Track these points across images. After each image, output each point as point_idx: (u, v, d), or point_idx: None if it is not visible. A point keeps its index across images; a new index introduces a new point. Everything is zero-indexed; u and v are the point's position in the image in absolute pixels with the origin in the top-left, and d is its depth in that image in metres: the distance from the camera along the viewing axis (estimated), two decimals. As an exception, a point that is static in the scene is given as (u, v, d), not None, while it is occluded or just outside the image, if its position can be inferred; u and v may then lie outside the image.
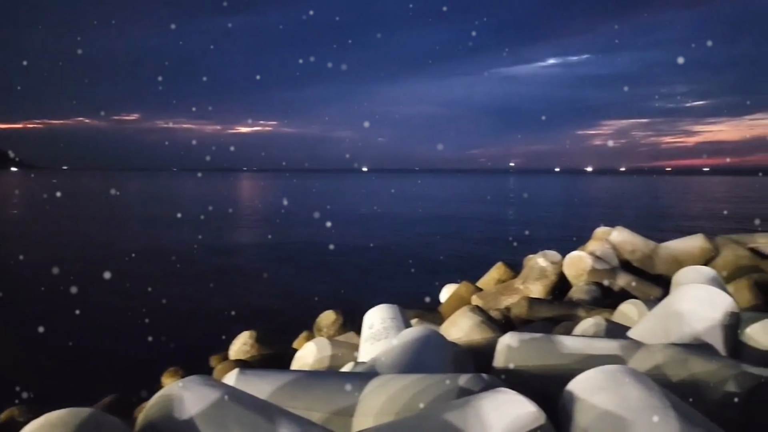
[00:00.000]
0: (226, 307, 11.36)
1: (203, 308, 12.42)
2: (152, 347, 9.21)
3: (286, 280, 16.11)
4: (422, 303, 9.14)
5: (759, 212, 39.11)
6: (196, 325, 11.17)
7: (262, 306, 12.57)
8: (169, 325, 10.81)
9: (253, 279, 16.12)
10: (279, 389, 2.86)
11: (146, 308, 11.52)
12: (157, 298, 12.60)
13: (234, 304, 12.16)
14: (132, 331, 10.41)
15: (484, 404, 2.15)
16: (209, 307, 12.40)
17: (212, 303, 12.81)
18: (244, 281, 15.84)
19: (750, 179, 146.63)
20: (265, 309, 12.18)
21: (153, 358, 8.50)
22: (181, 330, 10.49)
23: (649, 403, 2.07)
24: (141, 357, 9.01)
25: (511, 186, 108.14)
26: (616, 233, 9.17)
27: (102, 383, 7.20)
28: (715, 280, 4.95)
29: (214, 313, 11.80)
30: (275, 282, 15.65)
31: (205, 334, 9.94)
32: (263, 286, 15.06)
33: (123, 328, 10.84)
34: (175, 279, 15.98)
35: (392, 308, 4.75)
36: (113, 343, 10.03)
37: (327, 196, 67.44)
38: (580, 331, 4.18)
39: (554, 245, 9.59)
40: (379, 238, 25.88)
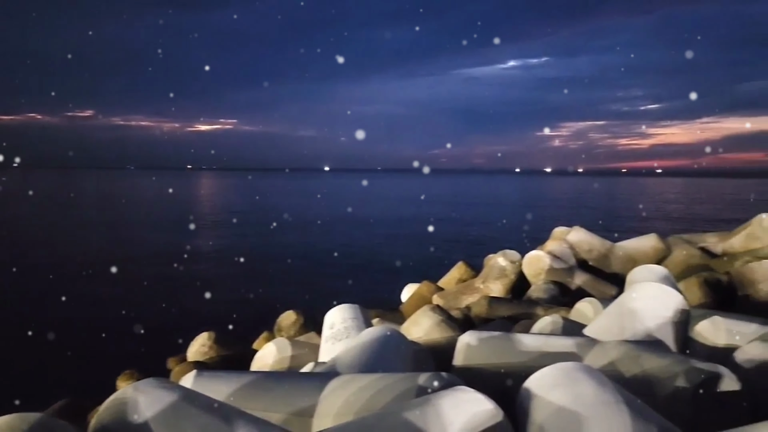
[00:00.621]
0: (184, 309, 11.18)
1: (161, 310, 12.18)
2: (108, 350, 8.99)
3: (246, 280, 15.92)
4: (384, 303, 9.16)
5: (708, 213, 40.49)
6: (154, 327, 10.94)
7: (222, 307, 12.39)
8: (126, 328, 10.56)
9: (212, 280, 15.89)
10: (237, 390, 2.83)
11: (102, 311, 11.25)
12: (113, 301, 12.31)
13: (193, 305, 11.98)
14: (87, 334, 10.15)
15: (442, 402, 2.17)
16: (167, 309, 12.17)
17: (170, 305, 12.57)
18: (204, 283, 15.58)
19: (700, 180, 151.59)
20: (225, 310, 12.00)
21: (108, 361, 8.28)
22: (138, 332, 10.26)
23: (603, 399, 2.12)
24: (96, 360, 8.78)
25: (473, 186, 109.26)
26: (573, 233, 9.36)
27: (54, 387, 6.99)
28: (667, 279, 5.10)
29: (172, 315, 11.59)
30: (235, 283, 15.46)
31: (162, 336, 9.73)
32: (223, 287, 14.86)
33: (77, 331, 10.55)
34: (132, 281, 15.63)
35: (353, 308, 4.75)
36: (66, 346, 9.74)
37: (288, 196, 66.93)
38: (538, 329, 4.25)
39: (514, 245, 9.73)
40: (341, 238, 25.84)
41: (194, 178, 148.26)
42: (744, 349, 3.00)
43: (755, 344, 2.99)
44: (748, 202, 53.04)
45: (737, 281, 6.34)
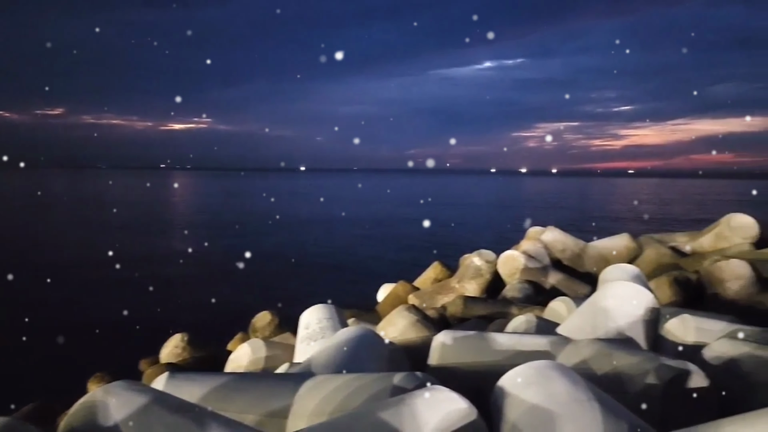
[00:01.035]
0: (157, 311, 11.03)
1: (133, 312, 11.98)
2: (79, 352, 8.82)
3: (221, 281, 15.77)
4: (360, 303, 9.15)
5: (679, 213, 41.26)
6: (126, 329, 10.77)
7: (196, 308, 12.26)
8: (98, 330, 10.38)
9: (186, 281, 15.71)
10: (211, 392, 2.80)
11: (72, 313, 11.04)
12: (84, 303, 12.10)
13: (166, 307, 11.83)
14: (57, 336, 9.94)
15: (417, 402, 2.17)
16: (140, 311, 11.98)
17: (144, 307, 12.39)
18: (178, 284, 15.40)
19: (671, 181, 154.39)
20: (200, 311, 11.88)
21: (79, 363, 8.12)
22: (110, 334, 10.10)
23: (575, 396, 2.14)
24: (66, 363, 8.61)
25: (449, 186, 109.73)
26: (547, 233, 9.46)
27: (24, 391, 6.83)
28: (639, 278, 5.19)
29: (145, 316, 11.42)
30: (210, 284, 15.30)
31: (135, 338, 9.59)
32: (197, 288, 14.69)
33: (48, 333, 10.33)
34: (105, 283, 15.38)
35: (328, 308, 4.74)
36: (37, 349, 9.55)
37: (263, 196, 66.44)
38: (512, 328, 4.28)
39: (489, 245, 9.80)
40: (316, 238, 25.76)
41: (168, 178, 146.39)
42: (712, 347, 3.06)
43: (723, 341, 3.05)
44: (717, 202, 54.20)
45: (706, 280, 6.47)
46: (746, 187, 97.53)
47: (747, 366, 2.78)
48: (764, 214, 11.34)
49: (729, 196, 66.41)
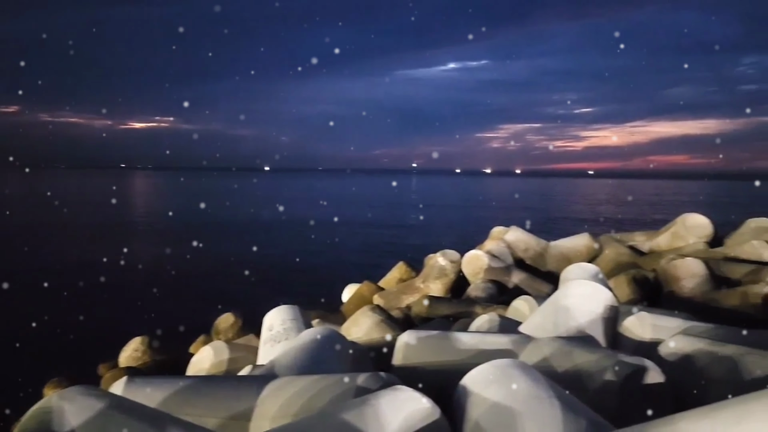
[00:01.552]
0: (117, 314, 10.79)
1: (91, 315, 11.69)
2: (35, 358, 8.56)
3: (182, 283, 15.51)
4: (325, 303, 9.11)
5: (637, 213, 42.30)
6: (85, 333, 10.50)
7: (157, 311, 12.00)
8: (55, 334, 10.10)
9: (146, 284, 15.36)
10: (171, 396, 2.75)
11: (28, 317, 10.68)
12: (40, 307, 11.72)
13: (126, 310, 11.58)
14: (13, 341, 9.62)
15: (380, 402, 2.18)
16: (98, 314, 11.70)
17: (102, 310, 12.11)
18: (138, 286, 15.06)
19: (629, 182, 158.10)
20: (161, 314, 11.64)
21: (35, 369, 7.89)
22: (67, 339, 9.82)
23: (535, 394, 2.18)
24: (22, 368, 8.33)
25: (413, 186, 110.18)
26: (510, 233, 9.58)
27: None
28: (598, 276, 5.29)
29: (104, 320, 11.16)
30: (171, 286, 15.02)
31: (94, 342, 9.35)
32: (158, 290, 14.39)
33: (2, 338, 10.00)
34: (60, 285, 14.94)
35: (292, 309, 4.70)
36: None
37: (226, 197, 65.53)
38: (476, 328, 4.32)
39: (453, 245, 9.87)
40: (280, 239, 25.56)
41: (128, 178, 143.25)
42: (667, 343, 3.14)
43: (678, 338, 3.13)
44: (673, 202, 55.72)
45: (663, 278, 6.64)
46: (700, 188, 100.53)
47: (701, 361, 2.86)
48: (718, 214, 11.71)
49: (684, 197, 68.39)
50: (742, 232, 8.80)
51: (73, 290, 14.32)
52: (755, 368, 2.61)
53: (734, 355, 2.75)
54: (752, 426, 1.55)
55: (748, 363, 2.66)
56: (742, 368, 2.65)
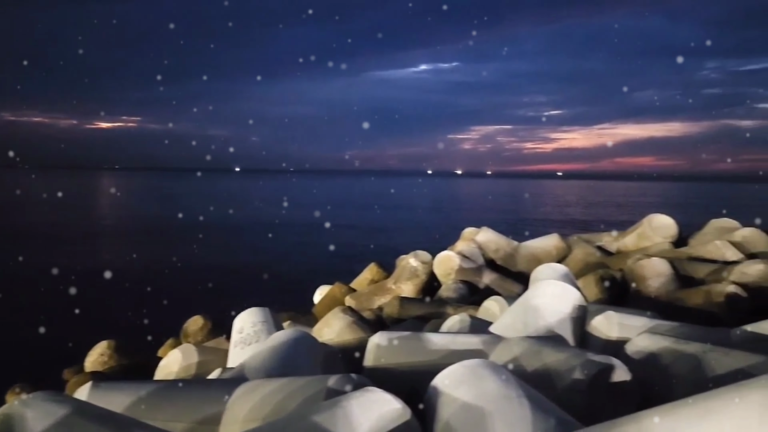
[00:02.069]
0: (82, 318, 10.53)
1: (56, 319, 11.42)
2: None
3: (150, 286, 15.22)
4: (296, 305, 9.05)
5: (605, 213, 43.04)
6: (49, 337, 10.24)
7: (124, 314, 11.80)
8: (18, 339, 9.84)
9: (113, 286, 15.10)
10: (138, 401, 2.70)
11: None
12: (2, 312, 11.43)
13: (92, 314, 11.32)
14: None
15: (351, 404, 2.17)
16: (63, 318, 11.42)
17: (67, 313, 11.81)
18: (104, 289, 14.79)
19: (597, 183, 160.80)
20: (128, 317, 11.44)
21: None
22: (30, 344, 9.58)
23: (505, 393, 2.19)
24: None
25: (386, 187, 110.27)
26: (481, 234, 9.65)
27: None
28: (567, 276, 5.36)
29: (69, 323, 10.89)
30: (139, 289, 14.75)
31: (58, 347, 9.12)
32: (125, 293, 14.15)
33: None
34: (21, 287, 14.58)
35: (263, 311, 4.65)
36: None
37: (195, 197, 64.69)
38: (447, 328, 4.34)
39: (425, 245, 9.89)
40: (251, 240, 25.35)
41: (94, 179, 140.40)
42: (634, 342, 3.19)
43: (644, 336, 3.19)
44: (639, 203, 56.84)
45: (630, 277, 6.76)
46: (666, 189, 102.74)
47: (666, 359, 2.91)
48: (682, 215, 11.97)
49: (650, 198, 69.80)
50: (706, 233, 9.02)
51: (36, 294, 14.00)
52: (717, 365, 2.67)
53: (697, 352, 2.81)
54: (714, 423, 1.58)
55: (710, 360, 2.72)
56: (705, 365, 2.71)
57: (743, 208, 43.28)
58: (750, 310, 5.32)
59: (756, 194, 69.89)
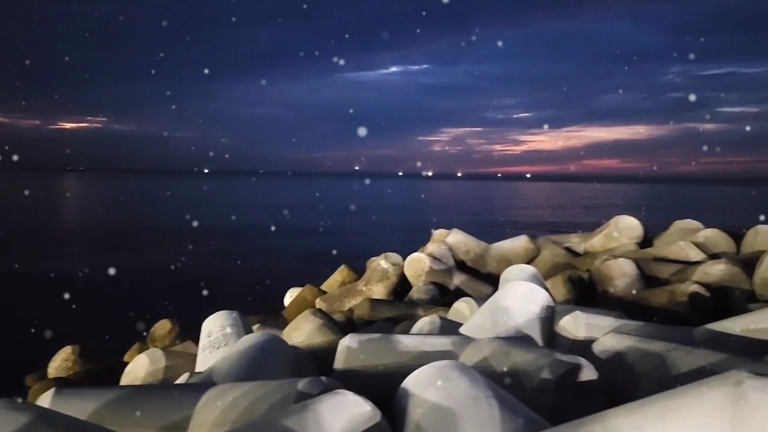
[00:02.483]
0: (46, 322, 10.26)
1: (18, 324, 11.13)
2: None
3: (116, 290, 14.96)
4: (266, 308, 8.97)
5: (573, 214, 43.72)
6: (11, 342, 9.99)
7: (89, 319, 11.55)
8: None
9: (78, 290, 14.74)
10: (103, 407, 2.65)
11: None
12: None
13: (56, 318, 11.05)
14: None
15: (321, 407, 2.16)
16: (26, 323, 11.13)
17: (30, 318, 11.51)
18: (68, 294, 14.42)
19: (566, 185, 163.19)
20: (93, 322, 11.21)
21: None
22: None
23: (474, 394, 2.21)
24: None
25: (356, 189, 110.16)
26: (452, 235, 9.70)
27: None
28: (536, 277, 5.43)
29: (32, 329, 10.62)
30: (104, 293, 14.48)
31: (21, 353, 8.89)
32: (90, 297, 13.84)
33: None
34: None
35: (232, 315, 4.61)
36: None
37: (162, 199, 63.66)
38: (417, 330, 4.35)
39: (396, 247, 9.90)
40: (220, 243, 25.02)
41: (58, 180, 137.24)
42: (600, 341, 3.25)
43: (610, 336, 3.25)
44: (606, 205, 57.86)
45: (597, 278, 6.88)
46: (632, 191, 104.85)
47: (631, 358, 2.97)
48: (648, 216, 12.23)
49: (617, 200, 71.12)
50: (670, 233, 9.23)
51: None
52: (681, 364, 2.73)
53: (662, 351, 2.87)
54: (676, 421, 1.62)
55: (674, 359, 2.78)
56: (669, 364, 2.77)
57: (706, 209, 44.43)
58: (712, 309, 5.45)
59: (719, 196, 71.82)
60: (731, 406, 1.53)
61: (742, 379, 1.57)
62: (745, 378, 1.57)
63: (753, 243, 7.62)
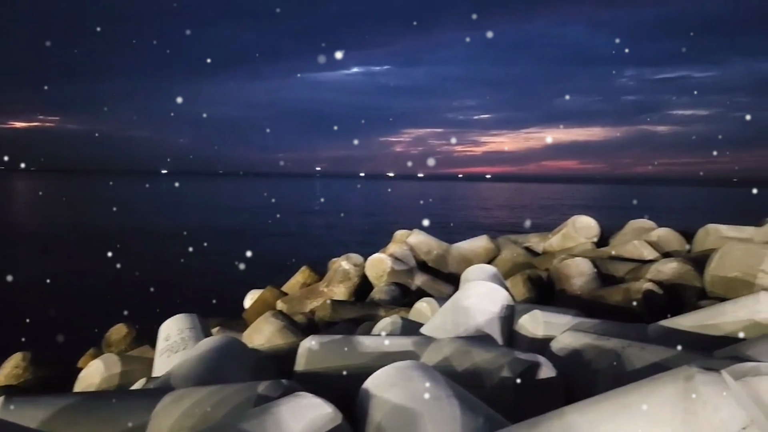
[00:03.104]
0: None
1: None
2: None
3: (69, 295, 14.53)
4: (226, 311, 8.84)
5: (531, 214, 44.46)
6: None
7: (41, 324, 11.17)
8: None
9: (27, 294, 14.30)
10: (55, 415, 2.56)
11: None
12: None
13: (6, 324, 10.67)
14: None
15: (281, 410, 2.14)
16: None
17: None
18: (17, 298, 13.96)
19: (525, 185, 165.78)
20: (45, 328, 10.84)
21: None
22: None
23: (435, 394, 2.22)
24: None
25: (317, 190, 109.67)
26: (413, 236, 9.75)
27: None
28: (496, 277, 5.50)
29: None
30: (57, 297, 14.05)
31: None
32: (42, 302, 13.42)
33: None
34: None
35: (190, 318, 4.53)
36: None
37: (116, 201, 62.04)
38: (379, 330, 4.36)
39: (357, 248, 9.90)
40: (178, 245, 24.55)
41: (6, 180, 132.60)
42: (558, 339, 3.31)
43: (568, 334, 3.31)
44: (564, 205, 59.00)
45: (555, 277, 7.00)
46: (589, 191, 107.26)
47: (588, 355, 3.03)
48: (604, 216, 12.52)
49: (575, 200, 72.61)
50: (625, 233, 9.48)
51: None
52: (635, 360, 2.80)
53: (617, 348, 2.94)
54: (630, 416, 1.66)
55: (629, 355, 2.85)
56: (624, 360, 2.83)
57: (659, 209, 45.74)
58: (665, 306, 5.61)
59: (672, 196, 74.04)
60: (683, 400, 1.58)
61: (692, 374, 1.62)
62: (696, 373, 1.62)
63: (703, 242, 7.88)
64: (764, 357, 2.24)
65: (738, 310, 3.29)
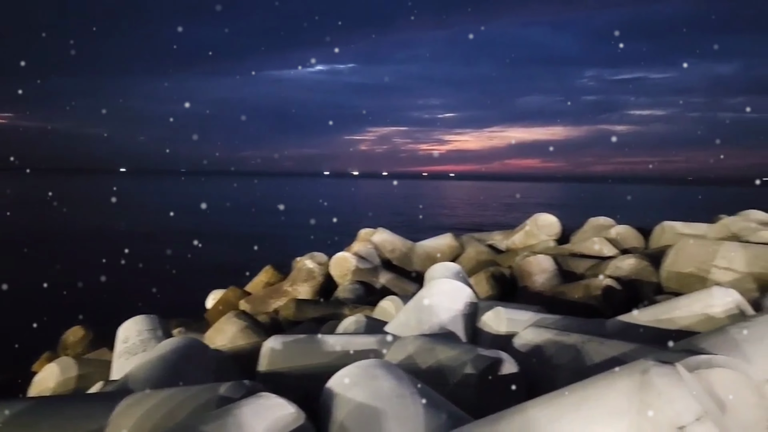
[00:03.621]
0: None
1: None
2: None
3: (21, 296, 14.05)
4: (188, 312, 8.69)
5: (495, 212, 44.99)
6: None
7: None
8: None
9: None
10: (8, 420, 2.49)
11: None
12: None
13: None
14: None
15: (243, 411, 2.11)
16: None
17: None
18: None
19: (488, 184, 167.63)
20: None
21: None
22: None
23: (398, 392, 2.22)
24: None
25: (281, 189, 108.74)
26: (377, 234, 9.76)
27: None
28: (460, 275, 5.53)
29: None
30: (9, 299, 13.57)
31: None
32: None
33: None
34: None
35: (150, 319, 4.44)
36: None
37: (72, 200, 60.37)
38: (343, 329, 4.34)
39: (321, 247, 9.84)
40: (137, 246, 24.04)
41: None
42: (521, 335, 3.35)
43: (529, 330, 3.35)
44: (527, 203, 59.86)
45: (518, 274, 7.10)
46: (551, 190, 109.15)
47: (549, 351, 3.08)
48: (565, 214, 12.74)
49: (537, 198, 73.72)
50: (585, 230, 9.66)
51: None
52: (595, 354, 2.86)
53: (577, 343, 2.99)
54: (589, 410, 1.70)
55: (589, 350, 2.90)
56: (584, 355, 2.89)
57: (618, 207, 46.77)
58: (624, 301, 5.74)
59: (630, 194, 75.86)
60: (639, 392, 1.62)
61: (648, 367, 1.66)
62: (651, 366, 1.66)
63: (659, 238, 8.10)
64: (717, 350, 2.31)
65: (692, 305, 3.38)
